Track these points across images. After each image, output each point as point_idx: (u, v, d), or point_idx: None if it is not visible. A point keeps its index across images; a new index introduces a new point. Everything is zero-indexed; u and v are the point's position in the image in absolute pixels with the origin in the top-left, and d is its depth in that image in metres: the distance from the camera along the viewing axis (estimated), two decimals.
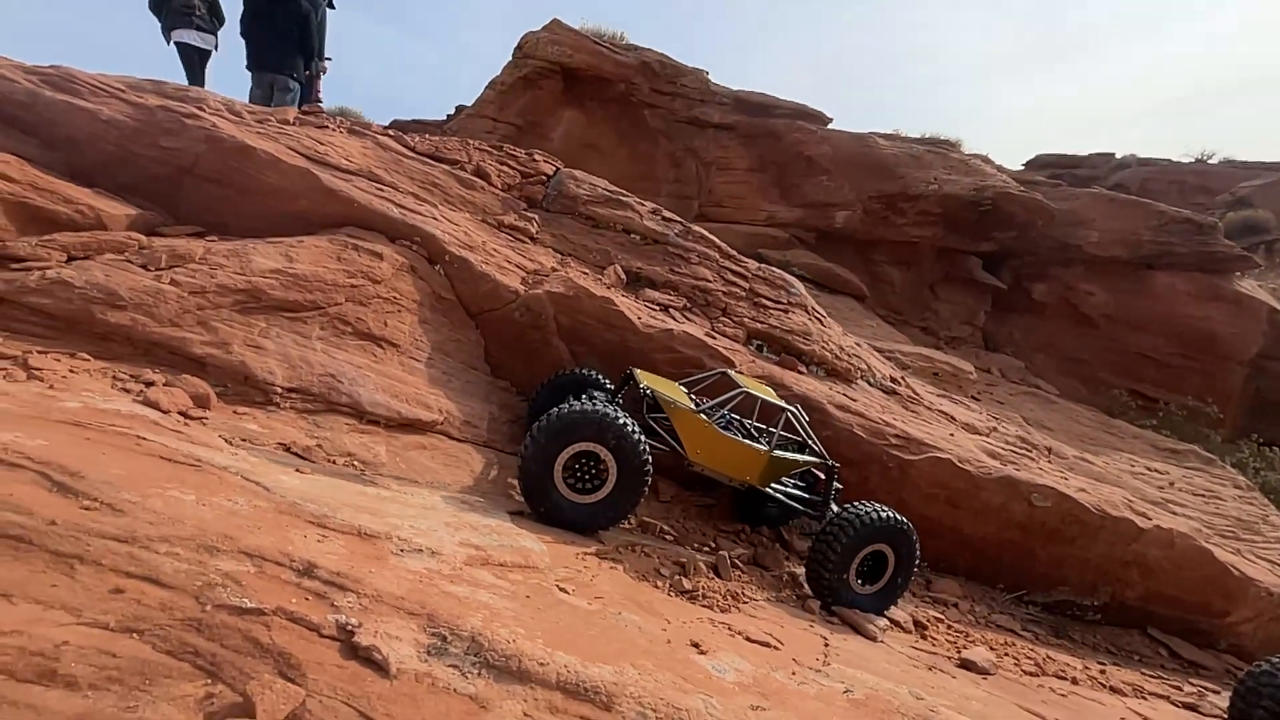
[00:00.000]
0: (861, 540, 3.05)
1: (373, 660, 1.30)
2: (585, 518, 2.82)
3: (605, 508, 2.84)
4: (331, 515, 1.87)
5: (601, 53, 11.35)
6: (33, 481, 1.57)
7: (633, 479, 2.83)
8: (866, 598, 3.12)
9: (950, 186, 10.72)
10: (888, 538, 3.12)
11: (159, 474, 1.85)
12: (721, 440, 3.25)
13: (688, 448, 3.25)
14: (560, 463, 2.76)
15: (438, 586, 1.65)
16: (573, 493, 2.81)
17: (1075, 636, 4.15)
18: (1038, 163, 16.21)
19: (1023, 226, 11.13)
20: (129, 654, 1.19)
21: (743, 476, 3.29)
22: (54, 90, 3.69)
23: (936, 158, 11.39)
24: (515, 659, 1.37)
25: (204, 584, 1.39)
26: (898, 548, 3.14)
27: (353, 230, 3.86)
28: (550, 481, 2.76)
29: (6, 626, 1.15)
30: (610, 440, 2.76)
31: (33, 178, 3.19)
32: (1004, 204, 10.77)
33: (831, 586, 3.05)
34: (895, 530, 3.13)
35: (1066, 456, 6.51)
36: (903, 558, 3.15)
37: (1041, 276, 11.79)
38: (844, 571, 3.04)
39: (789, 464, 3.39)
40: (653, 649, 1.72)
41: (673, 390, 3.47)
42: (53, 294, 2.82)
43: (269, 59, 5.72)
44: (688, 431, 3.24)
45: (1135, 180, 14.29)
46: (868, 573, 3.15)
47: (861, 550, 3.06)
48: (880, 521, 3.10)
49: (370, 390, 3.29)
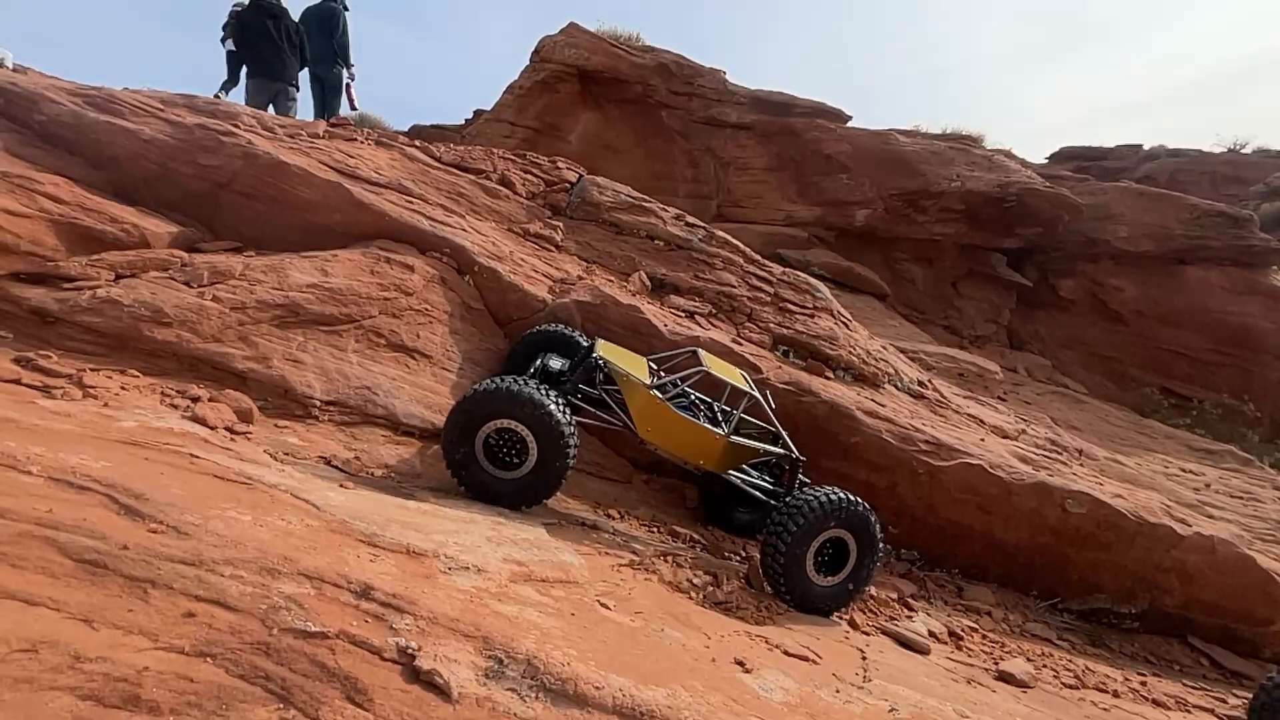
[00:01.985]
0: (815, 526, 2.79)
1: (434, 684, 1.33)
2: (511, 493, 2.79)
3: (529, 484, 2.80)
4: (381, 533, 1.91)
5: (618, 54, 11.36)
6: (102, 505, 1.63)
7: (554, 455, 2.75)
8: (828, 590, 2.88)
9: (973, 183, 10.56)
10: (845, 523, 2.85)
11: (215, 493, 1.91)
12: (675, 420, 3.08)
13: (638, 424, 3.10)
14: (481, 438, 2.75)
15: (488, 606, 1.68)
16: (496, 468, 2.79)
17: (1113, 646, 4.08)
18: (1061, 156, 15.90)
19: (1048, 222, 10.93)
20: (205, 678, 1.23)
21: (697, 460, 3.13)
22: (97, 111, 3.80)
23: (959, 154, 11.22)
24: (571, 682, 1.39)
25: (269, 607, 1.43)
26: (858, 533, 2.88)
27: (384, 243, 3.92)
28: (473, 456, 2.75)
29: (91, 653, 1.20)
30: (526, 416, 2.71)
31: (81, 198, 3.29)
32: (1029, 199, 10.58)
33: (786, 580, 2.81)
34: (852, 513, 2.85)
35: (1097, 458, 6.39)
36: (865, 545, 2.90)
37: (1068, 272, 11.57)
38: (799, 563, 2.79)
39: (749, 452, 3.19)
40: (698, 667, 1.74)
41: (632, 363, 3.29)
42: (103, 312, 2.91)
43: (272, 68, 5.95)
44: (640, 407, 3.08)
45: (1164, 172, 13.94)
46: (828, 563, 2.90)
47: (816, 537, 2.81)
48: (834, 505, 2.82)
49: (405, 401, 3.34)
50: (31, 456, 1.72)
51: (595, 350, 3.30)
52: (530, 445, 2.76)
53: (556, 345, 3.72)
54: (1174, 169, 13.80)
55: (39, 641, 1.18)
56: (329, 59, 6.56)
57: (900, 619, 3.29)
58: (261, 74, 5.93)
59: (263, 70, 5.92)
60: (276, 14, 5.87)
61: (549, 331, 3.75)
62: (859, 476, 4.28)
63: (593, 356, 3.27)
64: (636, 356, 3.50)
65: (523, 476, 2.79)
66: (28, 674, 1.12)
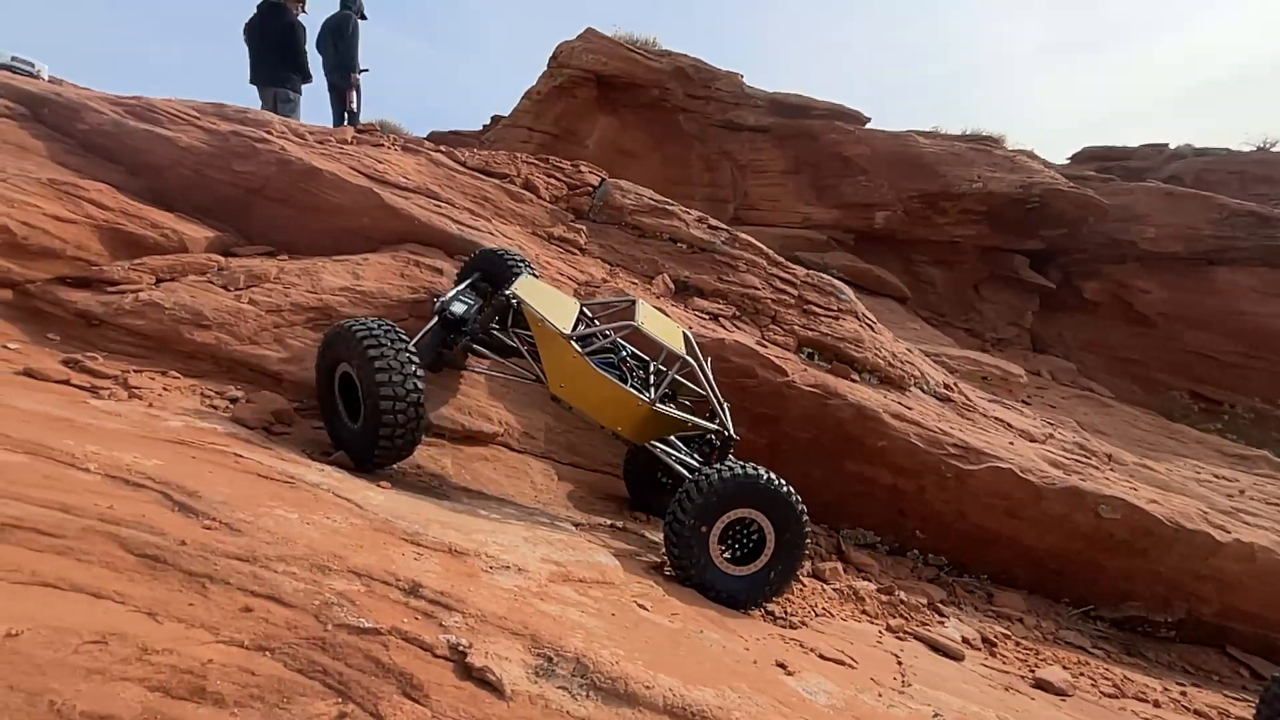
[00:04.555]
0: (718, 504, 2.39)
1: (487, 681, 1.34)
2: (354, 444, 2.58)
3: (361, 435, 2.54)
4: (423, 533, 1.93)
5: (635, 59, 11.43)
6: (157, 502, 1.67)
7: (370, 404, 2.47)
8: (738, 580, 2.47)
9: (995, 184, 10.45)
10: (756, 502, 2.43)
11: (261, 492, 1.94)
12: (593, 377, 2.72)
13: (550, 378, 2.77)
14: (336, 384, 2.64)
15: (532, 605, 1.69)
16: (349, 419, 2.63)
17: (1149, 655, 3.99)
18: (1084, 156, 15.66)
19: (1072, 223, 10.79)
20: (266, 672, 1.25)
21: (614, 426, 2.76)
22: (136, 120, 3.90)
23: (979, 155, 11.12)
24: (621, 681, 1.40)
25: (322, 603, 1.45)
26: (775, 516, 2.46)
27: (413, 246, 3.97)
28: (333, 405, 2.66)
29: (158, 645, 1.22)
30: (353, 362, 2.51)
31: (123, 204, 3.37)
32: (1052, 200, 10.46)
33: (688, 564, 2.43)
34: (766, 492, 2.42)
35: (1126, 463, 6.26)
36: (784, 530, 2.47)
37: (1093, 274, 11.39)
38: (701, 545, 2.41)
39: (675, 423, 2.81)
40: (741, 670, 1.73)
41: (556, 307, 2.92)
42: (145, 315, 2.98)
43: (264, 73, 6.13)
44: (552, 358, 2.75)
45: (1191, 171, 13.67)
46: (746, 552, 2.52)
47: (720, 516, 2.42)
48: (742, 480, 2.40)
49: (435, 404, 3.37)
50: (89, 454, 1.76)
51: (514, 287, 2.94)
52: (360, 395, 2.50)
53: (496, 270, 3.43)
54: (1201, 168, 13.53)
55: (108, 633, 1.20)
56: (342, 66, 6.71)
57: (932, 624, 3.25)
58: (270, 80, 6.14)
59: (271, 76, 6.13)
60: (286, 21, 6.08)
61: (492, 253, 3.49)
62: (885, 480, 4.25)
63: (504, 294, 2.90)
64: (567, 299, 3.18)
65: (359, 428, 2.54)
66: (100, 665, 1.15)
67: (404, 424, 2.52)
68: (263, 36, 6.05)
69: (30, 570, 1.29)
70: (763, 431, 4.15)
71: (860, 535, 4.26)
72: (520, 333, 2.99)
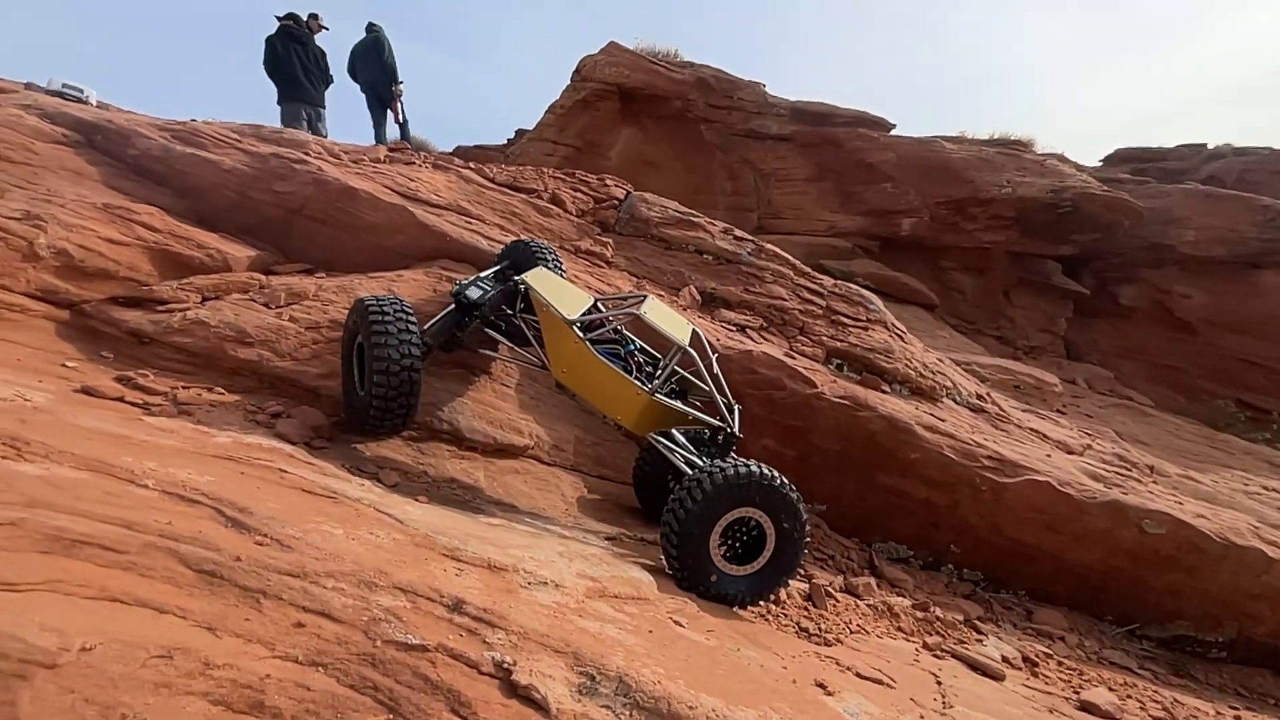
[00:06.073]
0: (718, 503, 2.35)
1: (532, 699, 1.35)
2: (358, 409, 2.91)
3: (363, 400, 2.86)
4: (462, 548, 1.96)
5: (657, 71, 11.53)
6: (210, 517, 1.73)
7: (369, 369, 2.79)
8: (741, 580, 2.44)
9: (1025, 189, 10.26)
10: (757, 501, 2.38)
11: (306, 507, 2.00)
12: (594, 364, 2.74)
13: (553, 362, 2.87)
14: (354, 355, 2.93)
15: (572, 622, 1.71)
16: (359, 387, 2.93)
17: (1198, 676, 3.84)
18: (1117, 158, 15.28)
19: (1106, 227, 10.51)
20: (320, 687, 1.29)
21: (614, 415, 2.78)
22: (183, 144, 4.07)
23: (1008, 159, 10.93)
24: (664, 701, 1.40)
25: (370, 619, 1.49)
26: (776, 515, 2.41)
27: (445, 262, 4.05)
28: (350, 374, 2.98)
29: (219, 659, 1.27)
30: (363, 331, 2.84)
31: (171, 226, 3.51)
32: (1085, 204, 10.21)
33: (686, 564, 2.38)
34: (767, 490, 2.38)
35: (1169, 475, 6.05)
36: (785, 529, 2.43)
37: (1129, 279, 11.08)
38: (700, 545, 2.37)
39: (675, 416, 2.77)
40: (782, 689, 1.72)
41: (565, 296, 2.98)
42: (193, 333, 3.10)
43: (304, 92, 6.63)
44: (555, 343, 2.84)
45: (1231, 172, 13.23)
46: (744, 550, 2.47)
47: (721, 516, 2.37)
48: (744, 479, 2.35)
49: (468, 417, 3.43)
50: (146, 471, 1.84)
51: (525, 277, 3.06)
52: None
53: (522, 259, 3.66)
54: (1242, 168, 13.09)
55: (173, 648, 1.25)
56: (384, 80, 7.26)
57: (970, 642, 3.17)
58: (295, 98, 6.54)
59: (296, 94, 6.52)
60: (303, 41, 6.56)
61: (520, 243, 3.75)
62: (918, 494, 4.18)
63: (514, 280, 3.02)
64: (580, 292, 3.23)
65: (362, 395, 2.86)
66: (166, 679, 1.19)
67: (397, 387, 2.74)
68: (301, 58, 6.42)
69: (99, 585, 1.35)
70: (792, 444, 4.13)
71: (893, 549, 4.18)
72: (528, 318, 3.07)
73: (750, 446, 3.90)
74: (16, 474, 1.57)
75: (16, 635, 1.12)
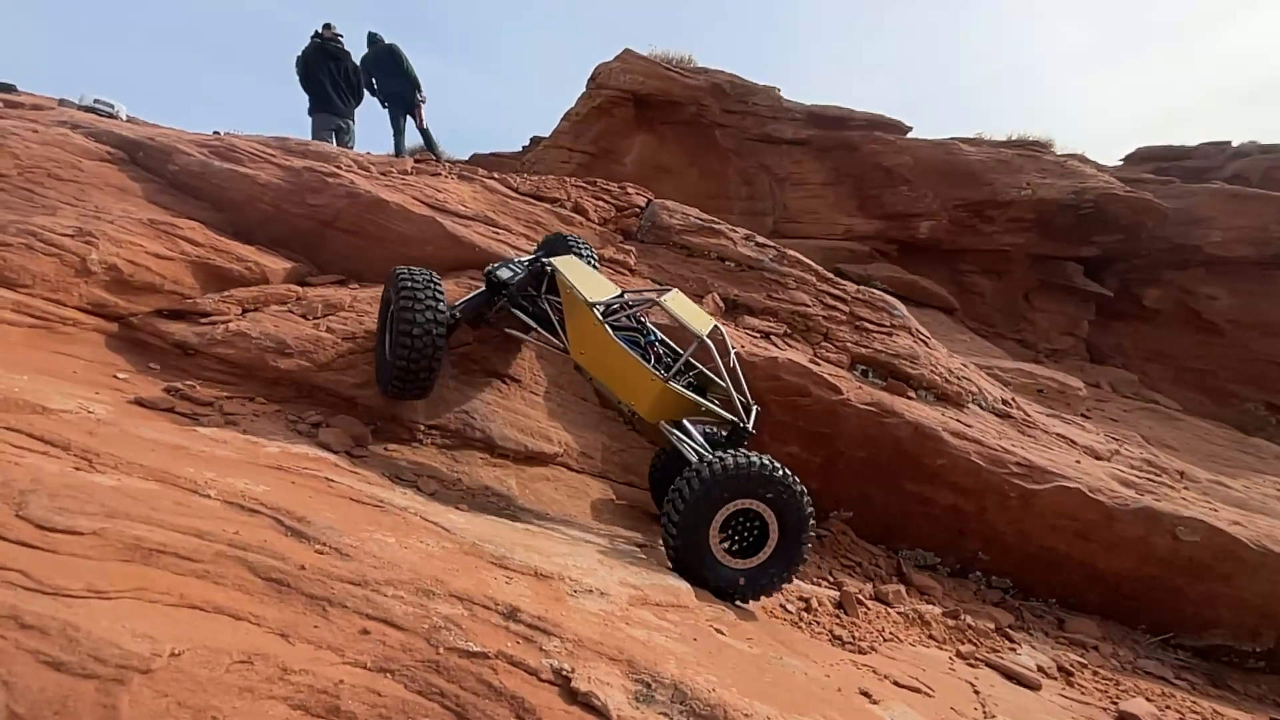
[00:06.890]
0: (718, 494, 2.30)
1: (592, 706, 1.39)
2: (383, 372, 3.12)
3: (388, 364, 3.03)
4: (509, 556, 2.01)
5: (672, 78, 11.60)
6: (271, 527, 1.79)
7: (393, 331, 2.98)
8: (741, 573, 2.39)
9: (1045, 190, 10.17)
10: (759, 493, 2.33)
11: (357, 516, 2.05)
12: (612, 346, 2.75)
13: (572, 342, 2.94)
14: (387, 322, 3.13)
15: (621, 630, 1.74)
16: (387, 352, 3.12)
17: (1236, 687, 3.78)
18: (1138, 157, 15.07)
19: (1129, 228, 10.38)
20: (390, 693, 1.33)
21: (629, 400, 2.79)
22: (220, 160, 4.18)
23: (1027, 160, 10.84)
24: (720, 709, 1.43)
25: (430, 626, 1.53)
26: (778, 507, 2.36)
27: (474, 273, 4.12)
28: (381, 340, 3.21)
29: (295, 665, 1.32)
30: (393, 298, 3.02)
31: (213, 240, 3.61)
32: (1107, 205, 10.10)
33: (685, 554, 2.34)
34: (769, 482, 2.33)
35: (1200, 480, 5.96)
36: (788, 521, 2.38)
37: (1153, 281, 10.93)
38: (699, 535, 2.32)
39: (688, 405, 2.73)
40: (830, 698, 1.74)
41: (591, 281, 3.04)
42: (235, 344, 3.18)
43: (335, 105, 6.80)
44: (576, 324, 2.91)
45: (1257, 170, 13.00)
46: (748, 544, 2.43)
47: (721, 508, 2.33)
48: (745, 470, 2.30)
49: (499, 425, 3.49)
50: (208, 481, 1.90)
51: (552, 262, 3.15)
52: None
53: (557, 249, 3.79)
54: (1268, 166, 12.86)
55: (252, 654, 1.30)
56: (409, 90, 7.45)
57: (1003, 651, 3.16)
58: (326, 110, 6.69)
59: (327, 107, 6.69)
60: (338, 56, 6.72)
61: (559, 236, 3.92)
62: (945, 500, 4.17)
63: (541, 261, 3.15)
64: (607, 282, 3.25)
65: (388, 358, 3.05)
66: (249, 684, 1.24)
67: (420, 351, 2.87)
68: (332, 73, 6.59)
69: (179, 593, 1.41)
70: (818, 450, 4.13)
71: (920, 556, 4.18)
72: (552, 299, 3.16)
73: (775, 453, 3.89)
74: (95, 485, 1.64)
75: (114, 641, 1.18)
